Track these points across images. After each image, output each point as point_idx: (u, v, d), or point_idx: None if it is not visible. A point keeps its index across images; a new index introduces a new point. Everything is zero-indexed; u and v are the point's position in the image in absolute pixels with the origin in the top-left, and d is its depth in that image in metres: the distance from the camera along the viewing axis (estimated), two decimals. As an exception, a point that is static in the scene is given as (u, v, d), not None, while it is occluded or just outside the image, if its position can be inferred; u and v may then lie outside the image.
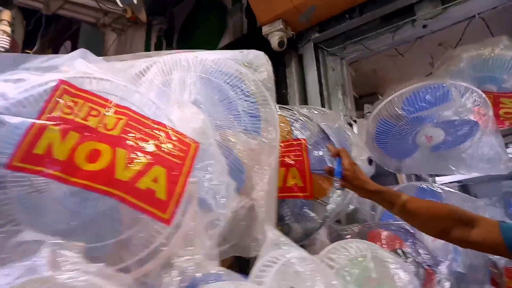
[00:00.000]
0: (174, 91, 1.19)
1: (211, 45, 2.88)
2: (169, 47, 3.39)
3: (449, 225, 1.13)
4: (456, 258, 1.70)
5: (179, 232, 0.87)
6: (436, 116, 1.80)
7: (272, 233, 0.96)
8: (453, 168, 1.96)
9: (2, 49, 2.01)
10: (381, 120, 1.88)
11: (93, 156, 0.81)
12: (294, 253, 0.99)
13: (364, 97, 3.10)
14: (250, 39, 2.63)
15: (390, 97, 1.80)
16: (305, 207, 1.46)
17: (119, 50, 3.72)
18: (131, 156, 0.84)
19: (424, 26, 2.15)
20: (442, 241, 1.70)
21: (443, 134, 1.84)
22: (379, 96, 3.21)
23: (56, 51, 3.96)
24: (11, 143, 0.78)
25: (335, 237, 1.64)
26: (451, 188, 2.08)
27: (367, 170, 2.16)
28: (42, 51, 3.90)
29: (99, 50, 3.71)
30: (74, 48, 3.70)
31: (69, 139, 0.81)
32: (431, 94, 1.70)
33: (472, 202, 1.97)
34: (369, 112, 2.96)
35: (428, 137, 1.86)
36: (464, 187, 4.55)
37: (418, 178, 2.95)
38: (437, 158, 1.99)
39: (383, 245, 1.45)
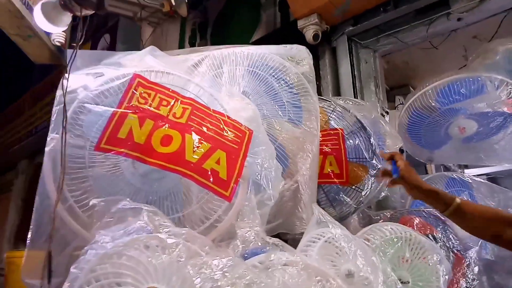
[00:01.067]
0: (225, 83, 1.30)
1: (244, 39, 2.97)
2: (203, 40, 3.51)
3: (501, 228, 1.12)
4: (485, 245, 1.76)
5: (234, 208, 0.99)
6: (469, 108, 1.85)
7: (318, 212, 1.07)
8: (484, 159, 2.00)
9: (59, 43, 2.18)
10: (414, 111, 1.94)
11: (166, 140, 0.94)
12: (337, 230, 1.10)
13: (396, 89, 3.14)
14: (284, 32, 2.71)
15: (424, 89, 1.86)
16: (340, 193, 1.56)
17: (155, 43, 3.87)
18: (197, 141, 0.96)
19: (459, 19, 2.18)
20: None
21: (476, 125, 1.89)
22: (411, 88, 3.25)
23: (95, 43, 4.16)
24: (98, 128, 0.92)
25: (367, 222, 1.73)
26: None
27: (398, 160, 2.24)
28: (83, 44, 4.12)
29: (136, 42, 3.87)
30: (113, 40, 3.89)
31: (146, 125, 0.94)
32: (466, 87, 1.75)
33: (503, 193, 2.01)
34: (401, 103, 3.01)
35: (461, 128, 1.91)
36: (492, 180, 4.51)
37: (447, 169, 2.98)
38: (468, 149, 2.04)
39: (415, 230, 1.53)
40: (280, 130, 1.27)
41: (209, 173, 0.93)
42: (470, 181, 2.03)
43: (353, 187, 1.57)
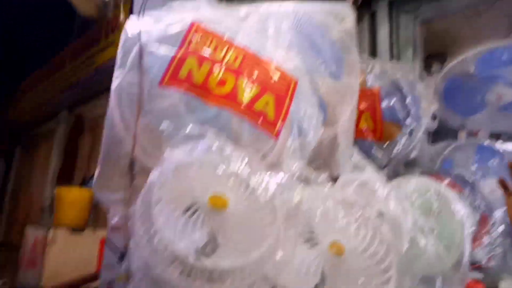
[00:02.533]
0: (270, 36, 1.37)
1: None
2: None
3: None
4: None
5: (279, 146, 1.09)
6: (509, 76, 1.85)
7: (356, 157, 1.16)
8: (520, 127, 2.01)
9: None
10: (452, 77, 1.96)
11: (221, 83, 1.04)
12: (371, 174, 1.19)
13: (433, 57, 3.09)
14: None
15: (464, 55, 1.87)
16: (372, 148, 1.64)
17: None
18: (248, 84, 1.05)
19: (507, -14, 2.13)
20: (499, 193, 1.82)
21: (514, 93, 1.89)
22: (449, 57, 3.19)
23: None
24: (160, 69, 1.02)
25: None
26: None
27: (430, 125, 2.27)
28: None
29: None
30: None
31: (203, 68, 1.03)
32: (508, 54, 1.75)
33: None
34: (438, 70, 2.98)
35: (498, 96, 1.92)
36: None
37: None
38: (504, 117, 2.05)
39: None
40: (322, 84, 1.34)
41: (259, 114, 1.03)
42: (501, 150, 2.05)
43: (385, 144, 1.65)
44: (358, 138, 1.63)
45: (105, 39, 3.89)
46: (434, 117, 2.27)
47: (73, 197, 2.83)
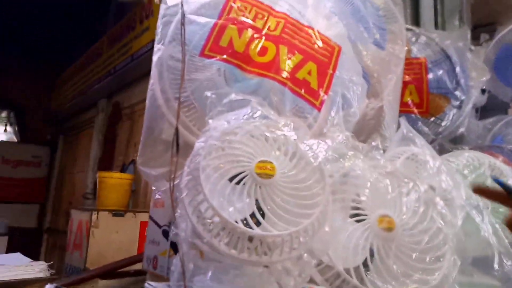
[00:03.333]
0: (311, 3, 1.31)
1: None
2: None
3: None
4: None
5: (322, 116, 1.04)
6: None
7: (404, 127, 1.09)
8: None
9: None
10: (505, 45, 1.82)
11: (262, 51, 1.00)
12: (421, 148, 1.12)
13: (481, 26, 2.90)
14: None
15: (519, 20, 1.72)
16: (419, 122, 1.55)
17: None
18: (291, 52, 1.01)
19: None
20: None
21: None
22: (499, 27, 2.98)
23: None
24: (201, 37, 1.00)
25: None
26: None
27: (478, 100, 2.14)
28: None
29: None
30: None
31: (244, 36, 1.00)
32: None
33: None
34: (488, 39, 2.79)
35: (556, 64, 1.77)
36: None
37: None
38: (561, 88, 1.89)
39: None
40: (366, 52, 1.27)
41: (302, 83, 0.99)
42: (560, 123, 1.90)
43: (433, 117, 1.55)
44: (402, 112, 1.55)
45: (140, 25, 3.93)
46: (483, 91, 2.14)
47: (114, 182, 2.92)
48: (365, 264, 0.84)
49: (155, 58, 1.06)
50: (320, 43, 1.07)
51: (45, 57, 6.22)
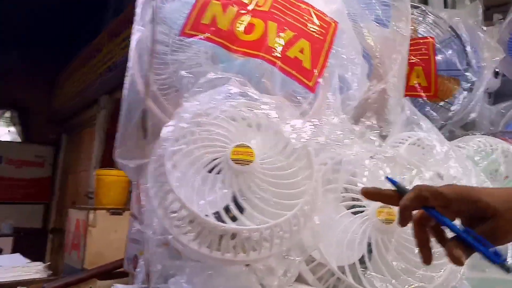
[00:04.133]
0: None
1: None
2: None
3: None
4: None
5: (318, 101, 0.94)
6: None
7: (408, 112, 0.99)
8: None
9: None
10: (519, 23, 1.69)
11: (249, 29, 0.90)
12: (428, 132, 1.01)
13: (494, 7, 2.76)
14: None
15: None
16: (427, 107, 1.44)
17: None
18: (280, 28, 0.91)
19: None
20: None
21: None
22: None
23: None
24: (183, 15, 0.90)
25: (455, 142, 1.60)
26: None
27: (492, 84, 2.01)
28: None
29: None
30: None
31: (229, 12, 0.90)
32: None
33: None
34: (501, 19, 2.66)
35: None
36: None
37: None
38: None
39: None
40: (367, 30, 1.17)
41: (293, 61, 0.89)
42: None
43: (442, 102, 1.44)
44: (409, 96, 1.45)
45: (137, 19, 3.84)
46: (496, 74, 2.01)
47: (111, 179, 2.83)
48: (362, 261, 0.74)
49: (134, 40, 0.97)
50: (314, 19, 0.96)
51: (47, 56, 6.18)
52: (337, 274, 0.71)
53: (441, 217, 0.49)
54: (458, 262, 0.47)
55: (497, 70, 1.95)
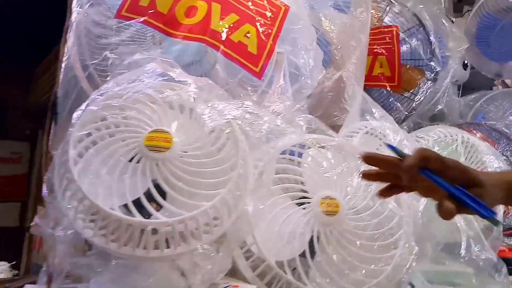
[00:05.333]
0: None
1: None
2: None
3: None
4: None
5: (264, 85, 0.90)
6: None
7: (366, 103, 0.96)
8: None
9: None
10: (486, 13, 1.68)
11: (191, 12, 0.85)
12: (382, 121, 0.98)
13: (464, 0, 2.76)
14: None
15: (500, -16, 1.58)
16: (391, 98, 1.42)
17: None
18: (224, 11, 0.86)
19: None
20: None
21: (562, 28, 1.60)
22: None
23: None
24: (119, -2, 0.85)
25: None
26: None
27: (460, 76, 2.00)
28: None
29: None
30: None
31: (170, -7, 0.85)
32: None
33: None
34: (469, 10, 2.65)
35: (542, 33, 1.63)
36: None
37: None
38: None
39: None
40: (324, 16, 1.13)
41: (237, 45, 0.84)
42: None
43: (406, 92, 1.42)
44: (372, 87, 1.42)
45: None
46: (465, 66, 2.00)
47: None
48: (305, 255, 0.71)
49: (73, 22, 0.91)
50: (263, 3, 0.92)
51: (23, 49, 6.01)
52: (274, 270, 0.67)
53: (437, 178, 0.51)
54: (448, 215, 0.50)
55: (466, 62, 1.95)
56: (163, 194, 0.56)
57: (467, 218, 0.98)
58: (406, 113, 1.42)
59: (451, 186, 0.52)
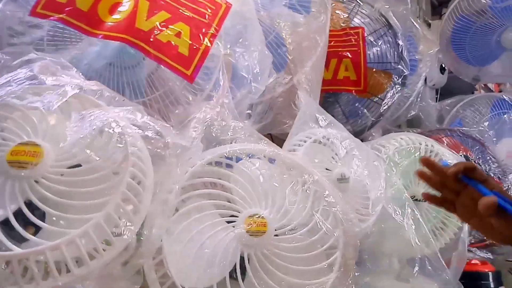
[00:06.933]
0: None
1: None
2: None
3: None
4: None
5: (211, 103, 0.83)
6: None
7: (305, 103, 0.88)
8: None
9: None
10: (461, 15, 1.61)
11: (116, 8, 0.78)
12: (332, 129, 0.91)
13: (445, 3, 2.71)
14: None
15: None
16: (357, 103, 1.34)
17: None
18: (153, 8, 0.79)
19: None
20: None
21: (538, 31, 1.54)
22: None
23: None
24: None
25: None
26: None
27: (438, 79, 1.94)
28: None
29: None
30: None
31: (92, -11, 0.77)
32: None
33: None
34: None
35: (517, 35, 1.57)
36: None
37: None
38: (526, 64, 1.70)
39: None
40: (278, 16, 1.06)
41: (165, 46, 0.77)
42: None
43: (373, 97, 1.35)
44: (337, 91, 1.35)
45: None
46: (442, 70, 1.94)
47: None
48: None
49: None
50: (199, 0, 0.85)
51: None
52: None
53: (480, 186, 0.59)
54: (487, 209, 0.55)
55: (443, 65, 1.89)
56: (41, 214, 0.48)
57: (425, 237, 0.92)
58: (373, 119, 1.35)
59: (491, 192, 0.58)
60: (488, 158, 1.35)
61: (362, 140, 1.31)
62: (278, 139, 1.03)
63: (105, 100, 0.59)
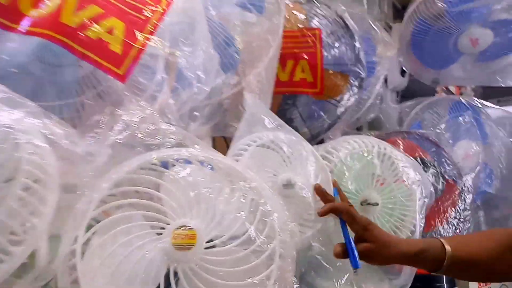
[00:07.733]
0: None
1: None
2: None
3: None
4: (488, 175, 1.52)
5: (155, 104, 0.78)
6: (485, 13, 1.52)
7: (250, 103, 0.85)
8: (500, 80, 1.69)
9: None
10: (419, 19, 1.62)
11: (40, 1, 0.71)
12: (279, 133, 0.88)
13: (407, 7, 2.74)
14: None
15: (431, -12, 1.53)
16: (313, 106, 1.32)
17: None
18: (83, 2, 0.73)
19: None
20: (473, 158, 1.52)
21: (492, 36, 1.56)
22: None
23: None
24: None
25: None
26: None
27: (399, 82, 1.95)
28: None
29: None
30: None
31: (13, -21, 0.71)
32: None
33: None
34: None
35: (473, 40, 1.59)
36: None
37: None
38: (482, 69, 1.73)
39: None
40: (228, 15, 1.01)
41: (95, 43, 0.71)
42: (480, 105, 1.74)
43: (330, 99, 1.33)
44: (293, 93, 1.32)
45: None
46: (403, 73, 1.95)
47: None
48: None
49: None
50: (136, -6, 0.79)
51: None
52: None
53: (343, 225, 0.78)
54: (336, 254, 0.76)
55: (404, 68, 1.90)
56: None
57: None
58: (330, 121, 1.32)
59: (347, 235, 0.76)
60: (444, 160, 1.36)
61: (320, 143, 1.30)
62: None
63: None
